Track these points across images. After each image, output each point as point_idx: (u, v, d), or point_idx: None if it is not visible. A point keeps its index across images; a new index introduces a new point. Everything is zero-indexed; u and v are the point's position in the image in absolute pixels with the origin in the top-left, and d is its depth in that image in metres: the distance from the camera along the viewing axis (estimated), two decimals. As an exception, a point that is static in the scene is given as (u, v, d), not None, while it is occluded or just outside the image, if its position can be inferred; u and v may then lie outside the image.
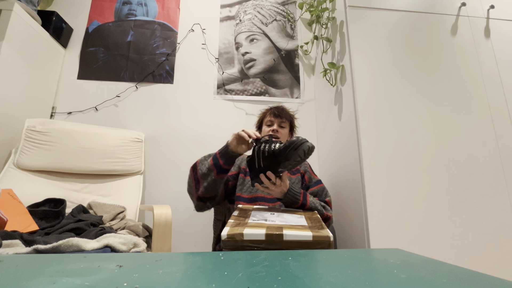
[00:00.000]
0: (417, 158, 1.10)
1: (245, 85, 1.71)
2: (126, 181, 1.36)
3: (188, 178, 0.93)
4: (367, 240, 1.00)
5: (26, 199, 1.01)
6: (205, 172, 0.86)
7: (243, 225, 0.59)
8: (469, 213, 1.06)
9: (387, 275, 0.32)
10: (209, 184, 0.86)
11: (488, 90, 1.22)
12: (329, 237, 0.54)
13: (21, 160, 1.17)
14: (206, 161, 0.88)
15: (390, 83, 1.17)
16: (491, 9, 1.33)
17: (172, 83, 1.65)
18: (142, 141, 1.47)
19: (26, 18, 1.31)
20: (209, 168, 0.85)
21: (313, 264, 0.36)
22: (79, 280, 0.27)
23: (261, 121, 1.17)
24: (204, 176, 0.86)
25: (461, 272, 0.33)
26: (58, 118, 1.51)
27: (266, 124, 1.12)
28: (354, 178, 1.12)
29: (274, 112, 1.10)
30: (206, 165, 0.87)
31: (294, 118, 1.18)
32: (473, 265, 1.00)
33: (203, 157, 0.92)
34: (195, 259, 0.37)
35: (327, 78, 1.42)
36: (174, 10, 1.76)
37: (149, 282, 0.28)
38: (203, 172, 0.86)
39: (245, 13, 1.83)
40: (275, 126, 1.08)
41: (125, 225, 1.06)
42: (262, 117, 1.17)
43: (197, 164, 0.91)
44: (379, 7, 1.26)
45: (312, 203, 0.88)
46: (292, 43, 1.82)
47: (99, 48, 1.64)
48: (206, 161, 0.88)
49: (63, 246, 0.69)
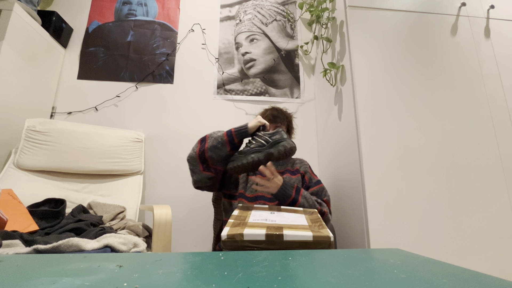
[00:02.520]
0: (417, 158, 1.10)
1: (245, 85, 1.71)
2: (126, 181, 1.36)
3: (193, 147, 0.93)
4: (367, 240, 1.00)
5: (26, 199, 1.01)
6: (216, 145, 0.88)
7: (243, 225, 0.59)
8: (469, 213, 1.06)
9: (387, 275, 0.32)
10: (218, 157, 0.88)
11: (488, 90, 1.22)
12: (329, 237, 0.54)
13: (21, 160, 1.17)
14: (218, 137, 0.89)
15: (390, 83, 1.17)
16: (491, 9, 1.33)
17: (172, 83, 1.65)
18: (142, 141, 1.47)
19: (26, 18, 1.31)
20: (222, 143, 0.88)
21: (313, 264, 0.36)
22: (79, 280, 0.27)
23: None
24: (214, 148, 0.88)
25: (461, 272, 0.33)
26: (58, 118, 1.51)
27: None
28: (354, 178, 1.12)
29: (269, 117, 1.10)
30: (219, 139, 0.88)
31: (292, 117, 1.17)
32: (473, 265, 1.00)
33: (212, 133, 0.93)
34: (195, 259, 0.37)
35: (327, 78, 1.42)
36: (174, 10, 1.76)
37: (149, 282, 0.28)
38: (214, 145, 0.88)
39: (245, 13, 1.83)
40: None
41: (125, 225, 1.06)
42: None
43: (207, 137, 0.92)
44: (379, 7, 1.26)
45: (304, 198, 0.90)
46: (292, 43, 1.82)
47: (99, 48, 1.64)
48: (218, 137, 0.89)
49: (63, 246, 0.69)
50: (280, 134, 0.87)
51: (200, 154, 0.89)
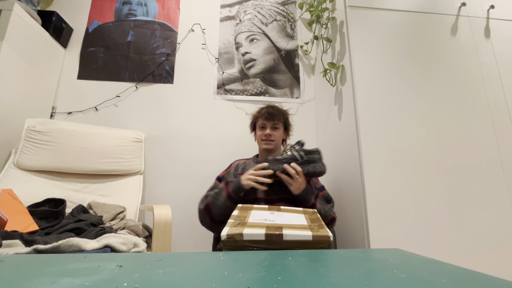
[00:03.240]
0: (417, 158, 1.10)
1: (245, 85, 1.71)
2: (126, 181, 1.36)
3: (202, 216, 0.98)
4: (367, 240, 1.00)
5: (26, 199, 1.01)
6: (223, 212, 0.92)
7: (243, 225, 0.59)
8: (469, 213, 1.06)
9: (387, 275, 0.32)
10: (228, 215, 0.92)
11: (488, 90, 1.22)
12: (329, 236, 0.54)
13: (21, 160, 1.17)
14: (221, 202, 0.93)
15: (390, 83, 1.17)
16: (491, 9, 1.33)
17: (172, 83, 1.65)
18: (142, 141, 1.47)
19: (26, 18, 1.31)
20: (226, 208, 0.92)
21: (313, 264, 0.36)
22: (79, 280, 0.27)
23: (255, 123, 1.18)
24: (223, 216, 0.91)
25: (461, 272, 0.33)
26: (58, 118, 1.51)
27: (260, 127, 1.13)
28: (354, 178, 1.12)
29: (265, 115, 1.10)
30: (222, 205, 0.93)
31: (288, 114, 1.18)
32: (473, 265, 1.00)
33: (210, 197, 0.96)
34: (195, 259, 0.37)
35: (327, 78, 1.42)
36: (174, 10, 1.76)
37: (149, 282, 0.28)
38: (221, 212, 0.92)
39: (245, 13, 1.83)
40: (268, 130, 1.10)
41: (125, 225, 1.06)
42: (255, 119, 1.18)
43: (210, 206, 0.95)
44: (379, 7, 1.26)
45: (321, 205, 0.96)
46: (292, 43, 1.82)
47: (99, 48, 1.64)
48: (221, 202, 0.93)
49: (63, 246, 0.69)
50: (316, 155, 0.96)
51: (212, 221, 0.95)
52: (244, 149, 1.56)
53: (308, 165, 0.94)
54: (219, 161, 1.55)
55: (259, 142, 1.15)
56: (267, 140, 1.10)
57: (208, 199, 0.96)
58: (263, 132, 1.10)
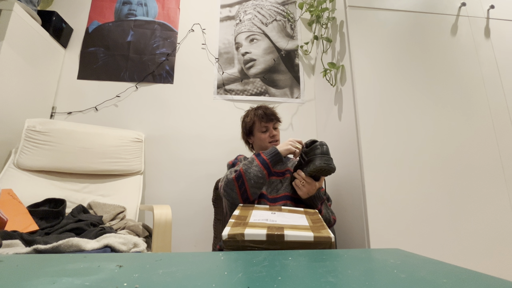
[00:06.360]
0: (417, 158, 1.10)
1: (245, 85, 1.71)
2: (126, 181, 1.36)
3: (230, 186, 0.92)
4: (367, 240, 1.00)
5: (26, 199, 1.01)
6: (257, 180, 0.91)
7: (244, 225, 0.59)
8: (469, 212, 1.06)
9: (387, 275, 0.32)
10: (259, 188, 0.93)
11: (488, 90, 1.22)
12: (330, 237, 0.54)
13: (21, 160, 1.17)
14: (255, 170, 0.92)
15: (390, 83, 1.17)
16: (491, 9, 1.33)
17: (172, 83, 1.65)
18: (142, 141, 1.47)
19: (26, 18, 1.31)
20: (263, 177, 0.92)
21: (313, 264, 0.36)
22: (79, 280, 0.27)
23: (250, 128, 1.14)
24: (257, 184, 0.91)
25: (461, 272, 0.33)
26: (58, 118, 1.51)
27: (261, 131, 1.11)
28: (354, 178, 1.12)
29: (263, 117, 1.09)
30: (257, 173, 0.91)
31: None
32: (473, 265, 1.00)
33: (243, 165, 0.94)
34: (195, 259, 0.37)
35: (327, 78, 1.42)
36: (174, 10, 1.76)
37: (149, 282, 0.28)
38: (255, 181, 0.91)
39: (245, 13, 1.83)
40: (272, 131, 1.10)
41: (125, 225, 1.06)
42: (251, 124, 1.13)
43: (242, 174, 0.91)
44: (379, 7, 1.26)
45: (325, 210, 0.97)
46: (292, 43, 1.82)
47: (99, 48, 1.64)
48: (255, 170, 0.92)
49: (63, 246, 0.69)
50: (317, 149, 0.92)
51: (242, 194, 0.91)
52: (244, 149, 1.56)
53: (307, 166, 0.91)
54: (219, 161, 1.55)
55: (265, 144, 1.10)
56: (274, 140, 1.10)
57: (241, 167, 0.92)
58: (268, 134, 1.09)
